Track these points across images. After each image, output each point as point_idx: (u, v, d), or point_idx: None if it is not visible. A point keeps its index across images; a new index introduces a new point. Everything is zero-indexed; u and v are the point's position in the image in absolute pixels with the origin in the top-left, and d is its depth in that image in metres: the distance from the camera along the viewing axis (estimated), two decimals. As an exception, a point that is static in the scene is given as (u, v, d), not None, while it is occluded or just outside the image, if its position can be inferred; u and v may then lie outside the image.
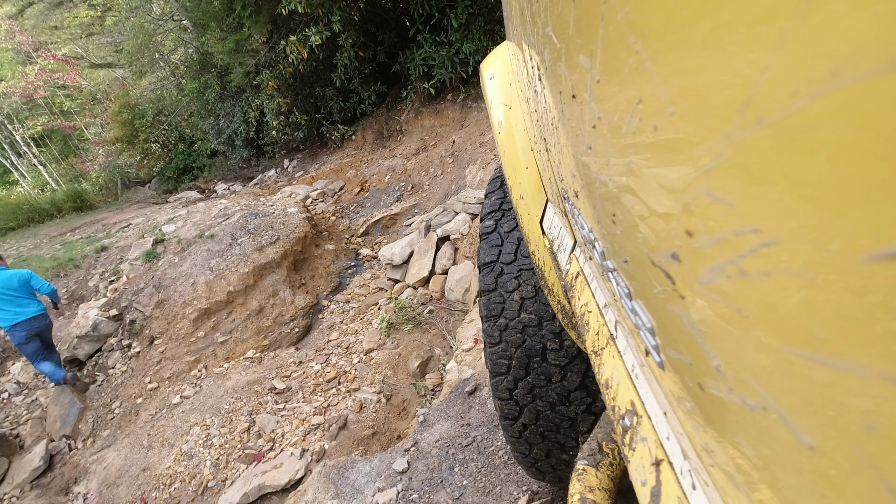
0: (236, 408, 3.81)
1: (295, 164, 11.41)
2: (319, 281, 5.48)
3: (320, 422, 3.52)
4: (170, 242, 5.79)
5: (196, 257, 5.11)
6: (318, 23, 7.32)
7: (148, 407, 4.14)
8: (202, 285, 4.77)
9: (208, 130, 13.17)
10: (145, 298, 4.82)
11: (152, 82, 15.83)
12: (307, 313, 5.04)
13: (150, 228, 6.80)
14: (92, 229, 9.07)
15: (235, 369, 4.39)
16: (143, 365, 4.53)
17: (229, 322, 4.73)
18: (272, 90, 9.56)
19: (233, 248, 5.12)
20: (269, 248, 5.18)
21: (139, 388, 4.35)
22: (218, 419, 3.73)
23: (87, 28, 16.37)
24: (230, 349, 4.59)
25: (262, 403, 3.83)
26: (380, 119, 9.20)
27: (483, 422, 2.00)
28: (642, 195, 0.30)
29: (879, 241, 0.14)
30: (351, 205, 7.89)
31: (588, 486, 0.78)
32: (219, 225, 5.66)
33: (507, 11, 0.88)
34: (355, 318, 4.85)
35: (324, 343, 4.62)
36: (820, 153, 0.15)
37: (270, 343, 4.69)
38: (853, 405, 0.17)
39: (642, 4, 0.25)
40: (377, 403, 3.56)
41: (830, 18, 0.13)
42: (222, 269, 4.91)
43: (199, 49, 12.00)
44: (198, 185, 13.92)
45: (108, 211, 12.04)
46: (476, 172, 5.62)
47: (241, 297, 4.84)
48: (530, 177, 0.95)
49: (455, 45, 6.70)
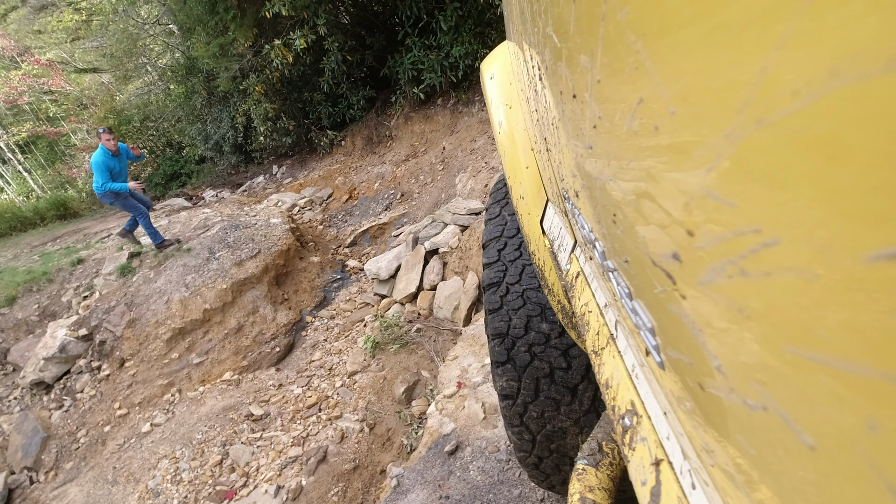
0: (209, 437, 3.55)
1: (284, 170, 11.16)
2: (303, 296, 5.22)
3: (298, 454, 3.26)
4: (146, 256, 5.52)
5: (171, 273, 4.84)
6: (304, 26, 7.08)
7: (115, 436, 3.86)
8: (176, 303, 4.50)
9: (195, 136, 12.88)
10: (116, 317, 4.54)
11: (139, 87, 15.52)
12: (289, 331, 4.79)
13: (130, 240, 6.52)
14: (73, 239, 8.76)
15: (211, 393, 4.13)
16: (112, 389, 4.26)
17: (205, 342, 4.46)
18: (259, 95, 9.31)
19: (210, 263, 4.85)
20: (250, 263, 4.92)
21: (107, 415, 4.07)
22: (189, 451, 3.47)
23: (72, 32, 16.02)
24: (206, 371, 4.32)
25: (237, 433, 3.58)
26: (369, 124, 8.97)
27: (464, 495, 1.71)
28: (643, 195, 0.30)
29: (880, 241, 0.14)
30: (339, 213, 7.64)
31: (588, 486, 0.77)
32: (197, 237, 5.39)
33: (508, 11, 0.88)
34: (340, 336, 4.60)
35: (306, 363, 4.36)
36: (820, 153, 0.15)
37: (249, 364, 4.43)
38: (854, 405, 0.17)
39: (642, 4, 0.25)
40: (360, 433, 3.31)
41: (830, 18, 0.14)
42: (198, 285, 4.64)
43: (185, 53, 11.74)
44: (185, 191, 13.61)
45: (93, 219, 11.71)
46: (466, 181, 5.39)
47: (219, 315, 4.58)
48: (530, 176, 0.95)
49: (444, 49, 6.49)
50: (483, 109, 6.67)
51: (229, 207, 7.09)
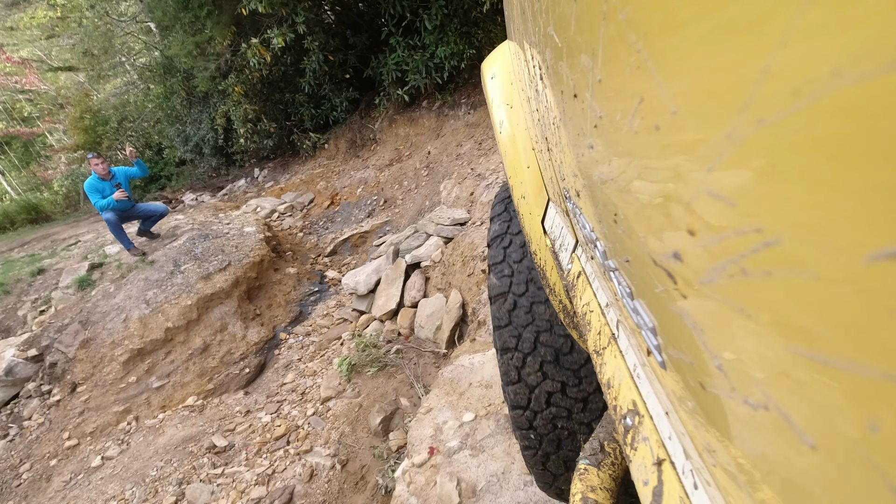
0: (165, 474, 3.21)
1: (265, 173, 10.79)
2: (277, 310, 4.89)
3: (262, 495, 2.94)
4: (109, 267, 5.13)
5: (131, 287, 4.47)
6: (282, 24, 6.74)
7: (62, 471, 3.50)
8: (135, 322, 4.14)
9: (174, 138, 12.44)
10: (69, 337, 4.17)
11: (117, 87, 15.01)
12: (261, 349, 4.45)
13: (96, 248, 6.11)
14: (40, 245, 8.29)
15: (172, 421, 3.78)
16: (63, 416, 3.89)
17: (167, 364, 4.11)
18: (238, 96, 8.93)
19: (174, 277, 4.50)
20: (218, 276, 4.57)
21: (55, 446, 3.70)
22: (140, 490, 3.12)
23: (47, 30, 15.43)
24: (167, 396, 3.97)
25: (196, 468, 3.24)
26: (353, 127, 8.65)
27: None
28: (644, 194, 0.30)
29: (881, 240, 0.14)
30: (320, 220, 7.31)
31: (590, 486, 0.75)
32: (163, 248, 5.03)
33: (508, 11, 0.89)
34: (315, 356, 4.27)
35: (277, 387, 4.04)
36: (821, 153, 0.15)
37: (216, 387, 4.09)
38: (855, 405, 0.17)
39: (644, 4, 0.25)
40: (331, 470, 3.00)
41: (832, 18, 0.14)
42: (160, 301, 4.28)
43: (163, 52, 11.30)
44: (165, 195, 13.15)
45: (65, 224, 11.22)
46: (451, 188, 5.10)
47: (183, 333, 4.23)
48: (531, 176, 0.95)
49: (429, 49, 6.20)
50: (470, 112, 6.39)
51: (203, 214, 6.72)
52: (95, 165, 4.65)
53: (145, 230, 5.52)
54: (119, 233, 4.84)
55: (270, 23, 7.12)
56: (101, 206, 4.70)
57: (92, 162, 4.65)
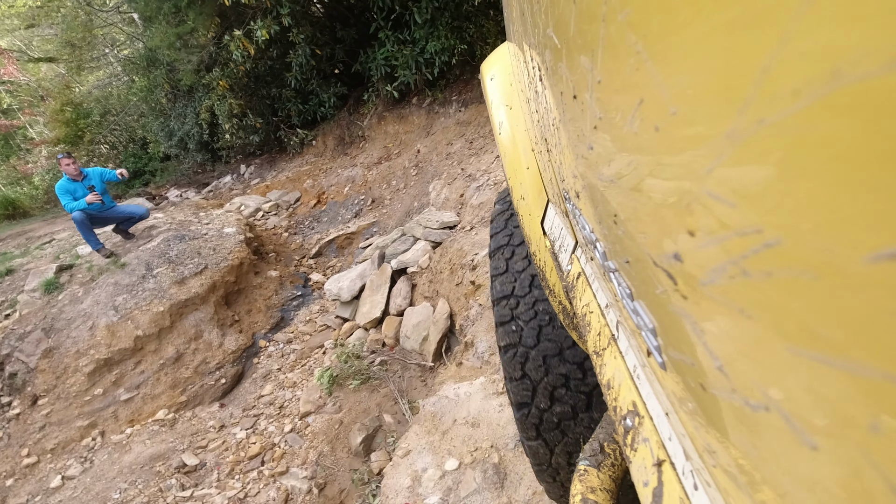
0: (128, 497, 2.98)
1: (252, 170, 10.49)
2: (257, 316, 4.65)
3: (231, 522, 2.73)
4: (79, 269, 4.86)
5: (100, 292, 4.21)
6: (267, 16, 6.47)
7: (18, 492, 3.26)
8: (102, 329, 3.89)
9: (158, 132, 12.07)
10: (30, 345, 3.91)
11: (100, 79, 14.58)
12: (238, 358, 4.22)
13: (69, 248, 5.82)
14: (14, 243, 7.95)
15: (140, 436, 3.55)
16: (22, 431, 3.64)
17: (136, 375, 3.86)
18: (223, 90, 8.62)
19: (146, 282, 4.24)
20: (193, 281, 4.33)
21: (12, 464, 3.46)
22: (101, 515, 2.90)
23: (27, 19, 14.92)
24: (136, 409, 3.73)
25: (162, 490, 3.01)
26: (341, 123, 8.39)
27: None
28: (644, 195, 0.30)
29: (881, 241, 0.14)
30: (306, 219, 7.06)
31: (590, 487, 0.74)
32: (136, 249, 4.77)
33: (508, 12, 0.89)
34: (295, 366, 4.05)
35: (254, 399, 3.81)
36: (821, 153, 0.15)
37: (189, 399, 3.85)
38: (856, 405, 0.17)
39: (643, 4, 0.25)
40: (307, 495, 2.79)
41: (832, 18, 0.14)
42: (130, 307, 4.03)
43: (146, 44, 10.93)
44: (148, 191, 12.77)
45: (43, 220, 10.84)
46: (441, 189, 4.89)
47: (154, 342, 3.98)
48: (531, 177, 0.94)
49: (419, 44, 5.97)
50: (461, 110, 6.18)
51: (184, 212, 6.44)
52: (66, 166, 4.47)
53: (123, 229, 5.27)
54: (87, 232, 4.58)
55: (255, 14, 6.84)
56: (71, 208, 4.46)
57: (62, 163, 4.48)
